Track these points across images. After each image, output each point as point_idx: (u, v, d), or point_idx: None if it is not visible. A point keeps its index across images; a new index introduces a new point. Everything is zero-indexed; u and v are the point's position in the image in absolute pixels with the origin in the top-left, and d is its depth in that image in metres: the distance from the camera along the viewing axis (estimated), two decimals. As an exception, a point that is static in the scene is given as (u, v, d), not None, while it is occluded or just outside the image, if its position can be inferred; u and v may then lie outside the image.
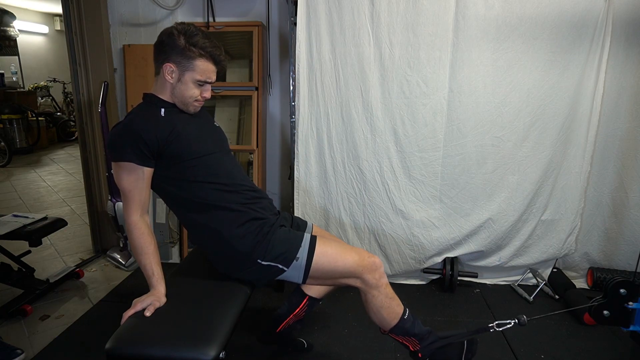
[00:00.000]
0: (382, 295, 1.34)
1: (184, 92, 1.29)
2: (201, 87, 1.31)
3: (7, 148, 5.18)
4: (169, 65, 1.26)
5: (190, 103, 1.32)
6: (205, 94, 1.32)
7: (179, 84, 1.28)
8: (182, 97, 1.30)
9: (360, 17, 2.00)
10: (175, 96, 1.31)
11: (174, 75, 1.27)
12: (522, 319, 1.34)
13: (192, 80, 1.27)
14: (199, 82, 1.28)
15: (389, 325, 1.38)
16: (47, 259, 2.60)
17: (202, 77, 1.28)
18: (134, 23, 2.42)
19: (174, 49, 1.25)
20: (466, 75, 2.01)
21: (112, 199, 2.39)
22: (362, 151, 2.14)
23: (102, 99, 2.29)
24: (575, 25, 1.94)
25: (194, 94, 1.30)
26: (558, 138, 2.08)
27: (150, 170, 1.24)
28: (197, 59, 1.26)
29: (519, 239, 2.22)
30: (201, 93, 1.31)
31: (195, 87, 1.29)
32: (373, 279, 1.31)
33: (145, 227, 1.24)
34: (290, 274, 1.32)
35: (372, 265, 1.32)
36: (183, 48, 1.24)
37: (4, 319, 1.92)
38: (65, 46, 2.48)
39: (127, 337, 1.09)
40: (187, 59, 1.25)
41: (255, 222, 1.32)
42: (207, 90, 1.33)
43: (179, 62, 1.26)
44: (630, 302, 1.29)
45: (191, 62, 1.26)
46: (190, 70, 1.26)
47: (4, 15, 6.07)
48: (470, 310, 2.10)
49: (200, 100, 1.33)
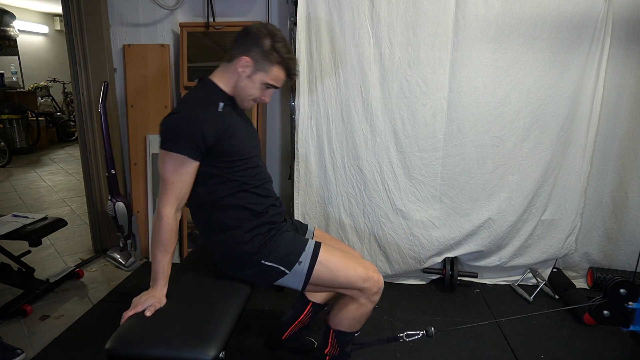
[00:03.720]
0: (366, 310, 1.38)
1: (249, 89, 1.30)
2: (265, 90, 1.32)
3: (7, 148, 5.18)
4: (245, 59, 1.26)
5: (248, 100, 1.32)
6: (265, 97, 1.34)
7: (247, 79, 1.28)
8: (245, 93, 1.30)
9: (360, 17, 2.00)
10: (237, 90, 1.31)
11: (246, 70, 1.27)
12: (429, 331, 1.40)
13: (261, 81, 1.29)
14: (267, 85, 1.30)
15: (341, 328, 1.42)
16: (47, 259, 2.60)
17: (272, 81, 1.30)
18: (134, 23, 2.42)
19: (257, 46, 1.26)
20: (466, 75, 2.01)
21: (112, 199, 2.39)
22: (362, 151, 2.14)
23: (102, 99, 2.29)
24: (575, 25, 1.94)
25: (256, 93, 1.31)
26: (558, 138, 2.08)
27: (197, 164, 1.23)
28: (274, 65, 1.28)
29: (519, 239, 2.22)
30: (261, 95, 1.33)
31: (260, 88, 1.30)
32: (371, 297, 1.34)
33: (175, 225, 1.23)
34: (290, 279, 1.32)
35: (376, 285, 1.33)
36: (266, 50, 1.26)
37: (4, 319, 1.92)
38: (65, 46, 2.48)
39: (127, 337, 1.09)
40: (266, 60, 1.27)
41: (267, 225, 1.34)
42: (269, 95, 1.35)
43: (256, 61, 1.26)
44: (630, 302, 1.29)
45: (268, 65, 1.27)
46: (264, 72, 1.28)
47: (4, 15, 6.07)
48: (470, 310, 2.10)
49: (257, 101, 1.35)
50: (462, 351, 1.77)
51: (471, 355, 1.75)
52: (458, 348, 1.79)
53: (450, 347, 1.79)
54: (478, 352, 1.77)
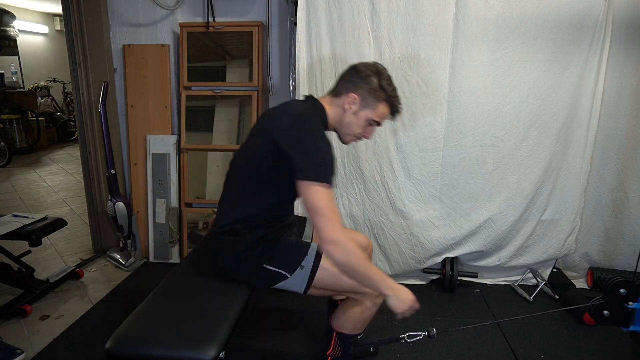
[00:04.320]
0: (370, 313, 1.38)
1: (353, 126, 1.33)
2: (368, 127, 1.35)
3: (7, 148, 5.18)
4: (353, 96, 1.30)
5: (350, 136, 1.37)
6: (367, 134, 1.38)
7: (352, 116, 1.32)
8: (349, 129, 1.34)
9: (360, 17, 2.00)
10: (342, 124, 1.34)
11: (352, 107, 1.31)
12: (431, 332, 1.41)
13: (366, 117, 1.32)
14: (371, 121, 1.33)
15: (344, 330, 1.42)
16: (47, 259, 2.60)
17: (377, 118, 1.33)
18: (134, 23, 2.42)
19: (365, 84, 1.29)
20: (466, 75, 2.01)
21: (112, 199, 2.39)
22: (362, 151, 2.14)
23: (102, 99, 2.29)
24: (575, 25, 1.94)
25: (359, 131, 1.35)
26: (558, 138, 2.08)
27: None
28: (381, 102, 1.31)
29: (519, 239, 2.22)
30: (364, 132, 1.36)
31: (363, 125, 1.34)
32: (375, 300, 1.34)
33: (351, 239, 1.21)
34: (292, 282, 1.31)
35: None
36: (374, 87, 1.29)
37: (4, 319, 1.92)
38: (65, 46, 2.48)
39: (127, 337, 1.09)
40: (373, 98, 1.30)
41: (275, 232, 1.33)
42: (371, 132, 1.38)
43: (364, 98, 1.30)
44: (630, 302, 1.29)
45: (375, 102, 1.31)
46: (370, 109, 1.31)
47: (4, 15, 6.06)
48: (470, 310, 2.10)
49: (358, 138, 1.39)
50: (462, 351, 1.77)
51: (471, 355, 1.75)
52: (458, 348, 1.79)
53: (450, 347, 1.80)
54: (478, 352, 1.77)
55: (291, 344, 1.80)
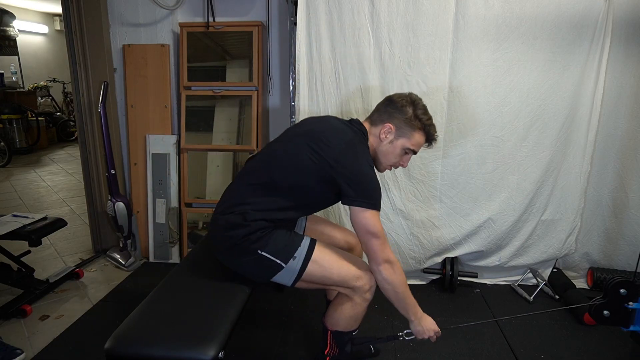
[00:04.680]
0: (361, 309, 1.39)
1: (389, 154, 1.39)
2: (403, 156, 1.40)
3: (7, 148, 5.18)
4: (389, 126, 1.36)
5: (385, 166, 1.42)
6: (404, 163, 1.42)
7: (389, 145, 1.37)
8: (385, 158, 1.40)
9: (360, 17, 2.00)
10: (378, 153, 1.40)
11: (388, 136, 1.37)
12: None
13: (402, 146, 1.37)
14: (407, 150, 1.38)
15: (338, 328, 1.44)
16: (47, 259, 2.60)
17: (412, 146, 1.37)
18: (133, 23, 2.42)
19: (400, 113, 1.35)
20: (466, 75, 2.01)
21: (112, 199, 2.39)
22: (362, 151, 2.13)
23: (102, 99, 2.29)
24: (575, 25, 1.94)
25: (394, 160, 1.40)
26: (558, 138, 2.08)
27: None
28: (416, 131, 1.36)
29: (519, 239, 2.22)
30: (400, 160, 1.41)
31: (399, 154, 1.39)
32: (364, 295, 1.35)
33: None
34: (284, 274, 1.31)
35: (368, 283, 1.34)
36: (409, 117, 1.34)
37: (4, 319, 1.92)
38: (65, 46, 2.48)
39: (127, 337, 1.09)
40: (408, 127, 1.35)
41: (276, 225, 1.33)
42: (407, 160, 1.42)
43: (399, 128, 1.35)
44: (630, 302, 1.29)
45: (411, 131, 1.35)
46: (406, 138, 1.36)
47: (4, 15, 6.06)
48: (470, 310, 2.10)
49: (394, 167, 1.43)
50: (462, 351, 1.77)
51: (471, 355, 1.75)
52: (458, 348, 1.79)
53: (450, 347, 1.79)
54: (478, 352, 1.77)
55: (291, 344, 1.80)
